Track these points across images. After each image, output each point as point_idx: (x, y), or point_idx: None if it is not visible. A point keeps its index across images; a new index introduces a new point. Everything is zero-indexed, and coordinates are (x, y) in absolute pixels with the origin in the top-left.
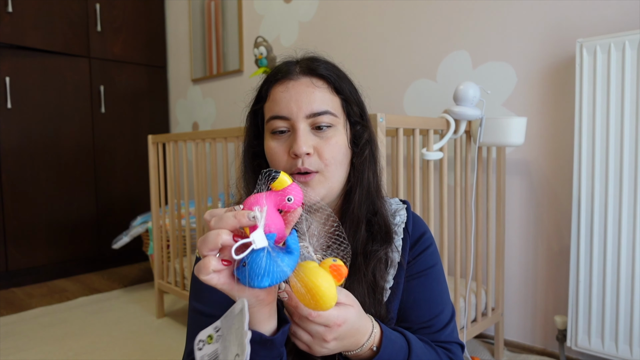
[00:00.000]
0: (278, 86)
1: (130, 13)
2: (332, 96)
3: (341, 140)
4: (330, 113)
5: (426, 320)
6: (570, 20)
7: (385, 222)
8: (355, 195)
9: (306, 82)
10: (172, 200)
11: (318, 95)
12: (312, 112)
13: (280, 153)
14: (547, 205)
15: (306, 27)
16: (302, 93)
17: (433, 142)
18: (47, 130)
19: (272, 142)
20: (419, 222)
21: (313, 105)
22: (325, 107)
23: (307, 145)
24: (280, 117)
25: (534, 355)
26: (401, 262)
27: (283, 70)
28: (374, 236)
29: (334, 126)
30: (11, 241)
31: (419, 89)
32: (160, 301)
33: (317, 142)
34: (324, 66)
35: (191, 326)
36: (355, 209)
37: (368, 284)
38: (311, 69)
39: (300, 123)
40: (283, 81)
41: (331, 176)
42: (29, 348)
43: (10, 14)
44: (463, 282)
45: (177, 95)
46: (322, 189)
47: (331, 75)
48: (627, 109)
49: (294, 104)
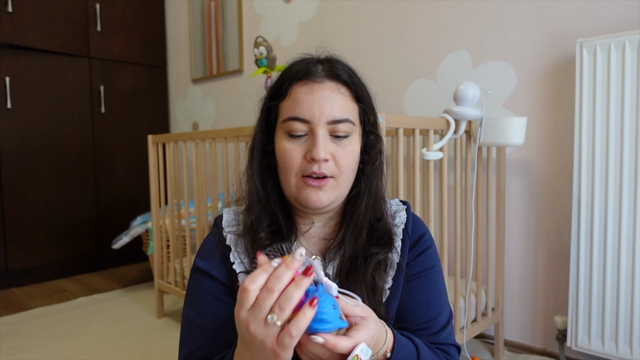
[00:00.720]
0: (300, 86)
1: (130, 13)
2: (353, 104)
3: (356, 149)
4: (350, 121)
5: (424, 321)
6: (570, 20)
7: (387, 227)
8: (362, 202)
9: (331, 87)
10: (172, 200)
11: (341, 102)
12: (334, 119)
13: (296, 156)
14: (547, 205)
15: (306, 27)
16: (327, 98)
17: (433, 142)
18: (47, 130)
19: (288, 143)
20: (418, 223)
21: (335, 112)
22: (346, 115)
23: (325, 152)
24: (301, 119)
25: (534, 355)
26: (400, 263)
27: (304, 70)
28: (376, 240)
29: (351, 134)
30: (11, 241)
31: (419, 89)
32: (160, 301)
33: (334, 148)
34: (346, 72)
35: (184, 335)
36: (361, 215)
37: (367, 286)
38: (336, 74)
39: (320, 128)
40: (306, 82)
41: (343, 183)
42: (29, 348)
43: (10, 14)
44: (463, 282)
45: (177, 95)
46: (333, 194)
47: (355, 83)
48: (627, 109)
49: (317, 108)
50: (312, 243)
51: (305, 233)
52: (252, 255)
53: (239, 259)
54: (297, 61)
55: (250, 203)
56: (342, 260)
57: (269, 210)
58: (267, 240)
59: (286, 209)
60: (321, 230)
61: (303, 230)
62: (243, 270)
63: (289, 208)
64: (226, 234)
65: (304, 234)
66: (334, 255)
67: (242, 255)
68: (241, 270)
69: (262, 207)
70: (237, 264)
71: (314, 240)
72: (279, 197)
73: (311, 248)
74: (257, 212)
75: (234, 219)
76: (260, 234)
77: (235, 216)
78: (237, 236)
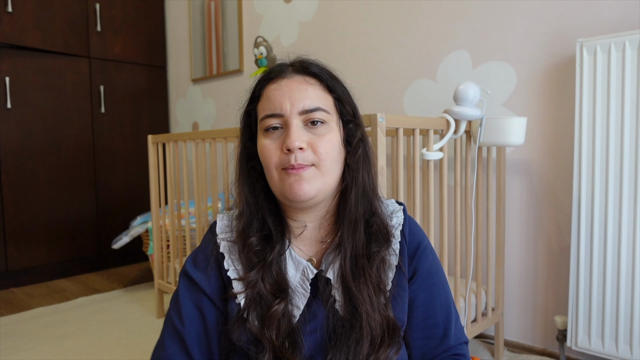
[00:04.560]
0: (271, 85)
1: (130, 13)
2: (325, 94)
3: (335, 138)
4: (323, 109)
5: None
6: (570, 20)
7: (383, 222)
8: (351, 194)
9: (299, 80)
10: (172, 200)
11: (311, 92)
12: (305, 108)
13: (273, 150)
14: (547, 205)
15: (306, 27)
16: (295, 90)
17: (433, 142)
18: (47, 130)
19: (265, 139)
20: (415, 228)
21: (306, 101)
22: (317, 103)
23: (300, 140)
24: (274, 114)
25: (534, 355)
26: (399, 265)
27: (276, 70)
28: (374, 237)
29: (327, 123)
30: (11, 241)
31: (419, 89)
32: (160, 301)
33: (310, 137)
34: (316, 66)
35: (164, 333)
36: (352, 208)
37: (374, 285)
38: (304, 68)
39: (293, 119)
40: (276, 80)
41: (326, 171)
42: (29, 348)
43: (10, 14)
44: (463, 282)
45: (177, 95)
46: (317, 183)
47: (323, 75)
48: (627, 109)
49: (287, 100)
50: (306, 245)
51: (299, 236)
52: (244, 261)
53: (232, 266)
54: (271, 67)
55: (241, 209)
56: (342, 263)
57: (259, 214)
58: (257, 246)
59: (277, 213)
60: (316, 232)
61: (296, 233)
62: (236, 277)
63: (280, 211)
64: (220, 241)
65: (297, 236)
66: (333, 259)
67: (236, 263)
68: (235, 277)
69: (251, 212)
70: (231, 271)
71: (309, 242)
72: (267, 201)
73: (306, 250)
74: (247, 217)
75: (228, 225)
76: (251, 239)
77: (229, 222)
78: (230, 243)
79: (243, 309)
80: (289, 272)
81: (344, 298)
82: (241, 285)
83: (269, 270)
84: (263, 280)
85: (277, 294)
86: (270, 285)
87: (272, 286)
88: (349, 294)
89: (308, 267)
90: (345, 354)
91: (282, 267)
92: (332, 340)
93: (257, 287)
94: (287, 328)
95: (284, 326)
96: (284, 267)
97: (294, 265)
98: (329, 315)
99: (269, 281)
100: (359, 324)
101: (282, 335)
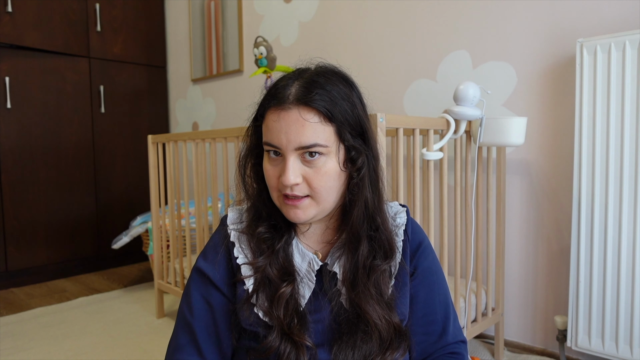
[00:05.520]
0: (271, 113)
1: (130, 13)
2: (324, 127)
3: (332, 169)
4: (320, 145)
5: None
6: (570, 20)
7: (388, 237)
8: (353, 213)
9: (297, 115)
10: (172, 200)
11: (308, 128)
12: (301, 145)
13: (273, 177)
14: (547, 205)
15: (306, 27)
16: (292, 125)
17: (433, 142)
18: (47, 130)
19: (267, 163)
20: (417, 228)
21: (302, 138)
22: (314, 140)
23: (294, 176)
24: (272, 145)
25: (534, 355)
26: (402, 262)
27: (278, 95)
28: (377, 252)
29: (325, 155)
30: (11, 241)
31: (419, 89)
32: (160, 301)
33: (306, 171)
34: (318, 95)
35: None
36: (355, 225)
37: (374, 295)
38: (304, 101)
39: (289, 154)
40: (276, 109)
41: (322, 200)
42: (29, 348)
43: (10, 14)
44: (463, 282)
45: (177, 95)
46: (313, 211)
47: (324, 107)
48: (627, 109)
49: (283, 136)
50: (312, 241)
51: (305, 233)
52: (253, 248)
53: (242, 254)
54: (277, 82)
55: (250, 203)
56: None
57: (266, 208)
58: (266, 234)
59: None
60: (321, 233)
61: (302, 230)
62: (245, 262)
63: None
64: (230, 231)
65: (303, 233)
66: (339, 255)
67: (246, 250)
68: (244, 262)
69: (260, 205)
70: (240, 258)
71: (315, 240)
72: (271, 200)
73: (312, 246)
74: (256, 210)
75: (238, 217)
76: (260, 229)
77: (240, 215)
78: (240, 232)
79: (252, 292)
80: (295, 261)
81: (348, 295)
82: (250, 270)
83: (276, 257)
84: (271, 265)
85: (284, 277)
86: (278, 270)
87: (279, 271)
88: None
89: (314, 259)
90: (352, 348)
91: (289, 254)
92: (337, 333)
93: (266, 271)
94: (294, 309)
95: (292, 307)
96: (291, 255)
97: (300, 256)
98: (334, 309)
99: (276, 266)
100: (365, 321)
101: (289, 315)
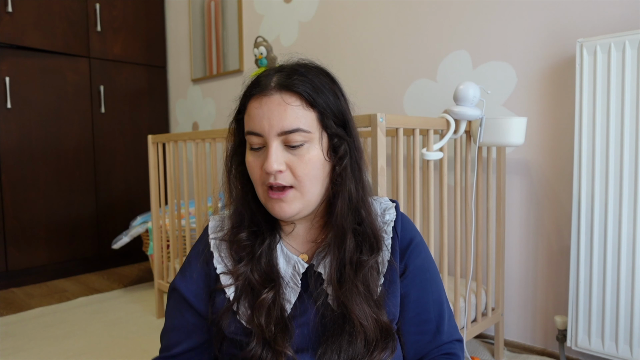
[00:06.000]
0: (253, 101)
1: (130, 13)
2: (306, 112)
3: (315, 156)
4: (302, 130)
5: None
6: (570, 20)
7: (373, 231)
8: (337, 205)
9: (279, 99)
10: (172, 200)
11: (290, 112)
12: (283, 130)
13: (256, 168)
14: (547, 205)
15: (306, 27)
16: (274, 110)
17: (433, 142)
18: (47, 130)
19: (250, 156)
20: (408, 225)
21: (284, 123)
22: (296, 124)
23: (277, 163)
24: (255, 133)
25: (534, 355)
26: (391, 261)
27: (260, 83)
28: (363, 245)
29: (308, 142)
30: (11, 241)
31: (419, 89)
32: (160, 301)
33: (289, 158)
34: (299, 80)
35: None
36: (339, 218)
37: (362, 292)
38: (285, 85)
39: (272, 141)
40: (258, 96)
41: (307, 191)
42: (29, 348)
43: (10, 14)
44: (463, 282)
45: (177, 95)
46: (298, 204)
47: (305, 91)
48: (627, 109)
49: (265, 122)
50: (298, 243)
51: (290, 234)
52: (234, 256)
53: (222, 262)
54: (259, 75)
55: (232, 208)
56: (331, 264)
57: (248, 212)
58: (247, 241)
59: (266, 212)
60: (307, 232)
61: (287, 231)
62: (224, 271)
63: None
64: (210, 240)
65: (288, 234)
66: (325, 255)
67: (226, 259)
68: (222, 272)
69: (242, 210)
70: (219, 267)
71: (300, 240)
72: (256, 200)
73: (298, 248)
74: (238, 215)
75: (219, 225)
76: (241, 235)
77: (221, 222)
78: (220, 240)
79: (233, 301)
80: (280, 266)
81: (335, 295)
82: (229, 278)
83: (257, 263)
84: (252, 271)
85: (266, 283)
86: (260, 276)
87: (261, 277)
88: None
89: (299, 262)
90: (337, 351)
91: (273, 260)
92: (323, 335)
93: (247, 278)
94: (277, 317)
95: (274, 315)
96: (275, 260)
97: (285, 260)
98: (320, 310)
99: (258, 272)
100: (350, 322)
101: (271, 323)
